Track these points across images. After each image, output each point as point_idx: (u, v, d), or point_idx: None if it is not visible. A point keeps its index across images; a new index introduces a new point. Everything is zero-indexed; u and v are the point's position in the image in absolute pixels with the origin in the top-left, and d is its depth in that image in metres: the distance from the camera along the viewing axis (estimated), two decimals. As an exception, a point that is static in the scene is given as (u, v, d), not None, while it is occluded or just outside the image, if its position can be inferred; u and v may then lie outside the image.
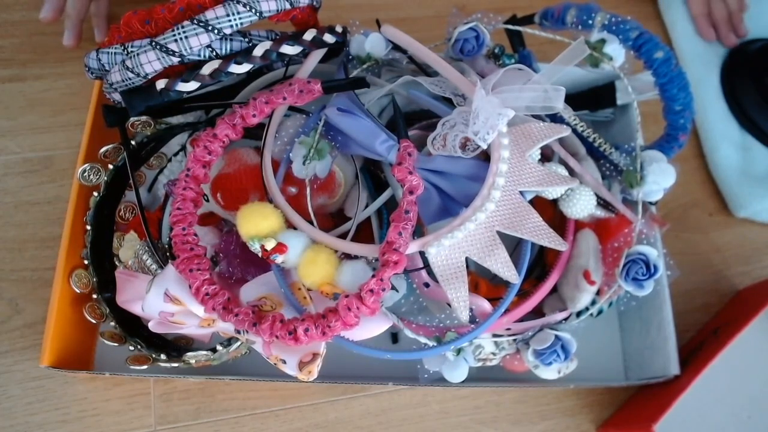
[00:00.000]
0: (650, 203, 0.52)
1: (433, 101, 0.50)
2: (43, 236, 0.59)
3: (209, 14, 0.44)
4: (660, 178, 0.49)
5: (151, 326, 0.44)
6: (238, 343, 0.48)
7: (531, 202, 0.44)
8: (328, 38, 0.50)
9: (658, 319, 0.55)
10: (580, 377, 0.52)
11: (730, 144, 0.71)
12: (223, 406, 0.55)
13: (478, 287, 0.52)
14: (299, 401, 0.56)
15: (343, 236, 0.46)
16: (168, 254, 0.49)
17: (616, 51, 0.51)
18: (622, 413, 0.58)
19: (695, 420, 0.57)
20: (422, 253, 0.43)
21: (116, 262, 0.51)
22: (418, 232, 0.47)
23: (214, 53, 0.45)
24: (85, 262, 0.51)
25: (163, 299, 0.41)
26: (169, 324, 0.43)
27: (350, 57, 0.53)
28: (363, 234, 0.50)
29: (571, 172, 0.49)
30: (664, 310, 0.54)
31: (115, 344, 0.50)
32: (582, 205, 0.48)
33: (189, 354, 0.48)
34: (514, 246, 0.47)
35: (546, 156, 0.51)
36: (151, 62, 0.44)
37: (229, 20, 0.44)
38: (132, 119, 0.49)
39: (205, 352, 0.48)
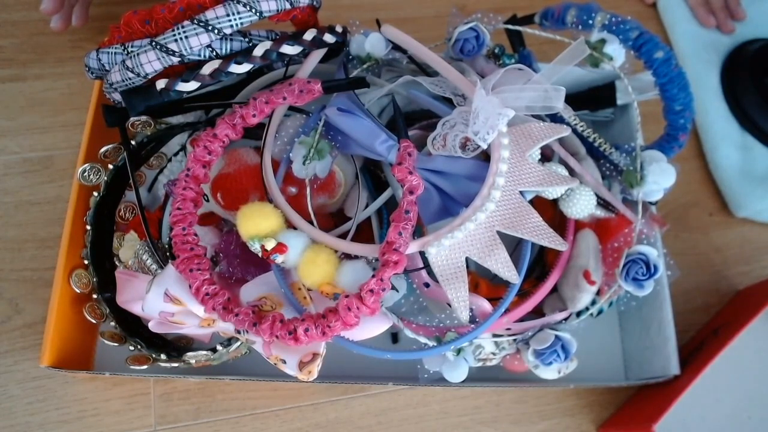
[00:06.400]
0: (650, 203, 0.52)
1: (433, 101, 0.50)
2: (43, 236, 0.59)
3: (209, 14, 0.44)
4: (660, 178, 0.49)
5: (151, 326, 0.44)
6: (238, 343, 0.48)
7: (531, 202, 0.44)
8: (328, 38, 0.50)
9: (658, 319, 0.55)
10: (580, 377, 0.52)
11: (730, 144, 0.71)
12: (223, 406, 0.55)
13: (478, 287, 0.52)
14: (299, 401, 0.56)
15: (343, 236, 0.46)
16: (168, 254, 0.49)
17: (616, 51, 0.51)
18: (622, 413, 0.58)
19: (695, 420, 0.57)
20: (422, 253, 0.43)
21: (116, 262, 0.51)
22: (418, 232, 0.47)
23: (214, 53, 0.45)
24: (85, 262, 0.51)
25: (163, 299, 0.41)
26: (169, 324, 0.43)
27: (350, 57, 0.53)
28: (363, 234, 0.50)
29: (571, 172, 0.49)
30: (664, 310, 0.54)
31: (115, 344, 0.50)
32: (582, 205, 0.48)
33: (189, 354, 0.48)
34: (514, 246, 0.47)
35: (546, 156, 0.51)
36: (151, 62, 0.44)
37: (229, 20, 0.44)
38: (132, 119, 0.49)
39: (205, 352, 0.48)
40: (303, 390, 0.56)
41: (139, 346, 0.50)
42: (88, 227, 0.51)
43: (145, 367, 0.48)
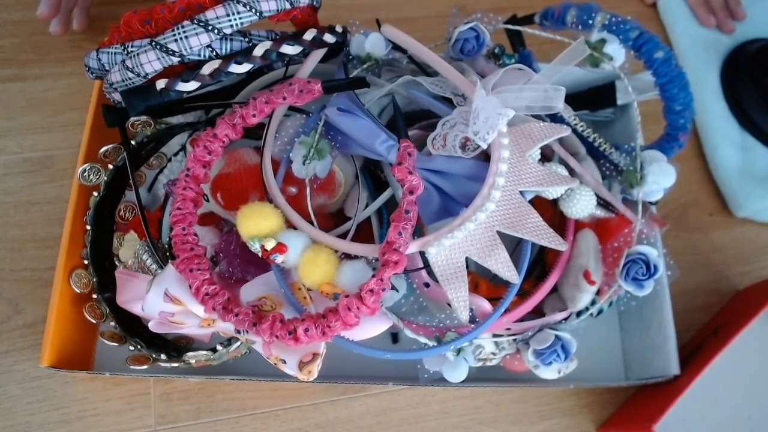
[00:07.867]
0: (650, 203, 0.52)
1: (433, 101, 0.50)
2: (43, 236, 0.59)
3: (209, 14, 0.44)
4: (660, 178, 0.49)
5: (151, 326, 0.44)
6: (238, 343, 0.48)
7: (531, 202, 0.44)
8: (328, 38, 0.50)
9: (658, 319, 0.55)
10: (580, 377, 0.52)
11: (730, 144, 0.71)
12: (223, 406, 0.55)
13: (478, 287, 0.52)
14: (299, 401, 0.56)
15: (343, 236, 0.46)
16: (168, 254, 0.49)
17: (616, 51, 0.51)
18: (622, 413, 0.58)
19: (695, 420, 0.57)
20: (422, 253, 0.43)
21: (116, 262, 0.51)
22: (418, 232, 0.47)
23: (214, 53, 0.45)
24: (85, 262, 0.51)
25: (163, 299, 0.41)
26: (169, 324, 0.43)
27: (350, 57, 0.53)
28: (363, 234, 0.50)
29: (571, 172, 0.49)
30: (664, 310, 0.54)
31: (115, 344, 0.50)
32: (582, 205, 0.48)
33: (189, 354, 0.48)
34: (514, 246, 0.47)
35: (546, 156, 0.51)
36: (151, 62, 0.44)
37: (229, 20, 0.44)
38: (132, 119, 0.49)
39: (205, 352, 0.48)
40: (303, 390, 0.56)
41: (139, 346, 0.50)
42: (88, 227, 0.51)
43: (145, 367, 0.48)
